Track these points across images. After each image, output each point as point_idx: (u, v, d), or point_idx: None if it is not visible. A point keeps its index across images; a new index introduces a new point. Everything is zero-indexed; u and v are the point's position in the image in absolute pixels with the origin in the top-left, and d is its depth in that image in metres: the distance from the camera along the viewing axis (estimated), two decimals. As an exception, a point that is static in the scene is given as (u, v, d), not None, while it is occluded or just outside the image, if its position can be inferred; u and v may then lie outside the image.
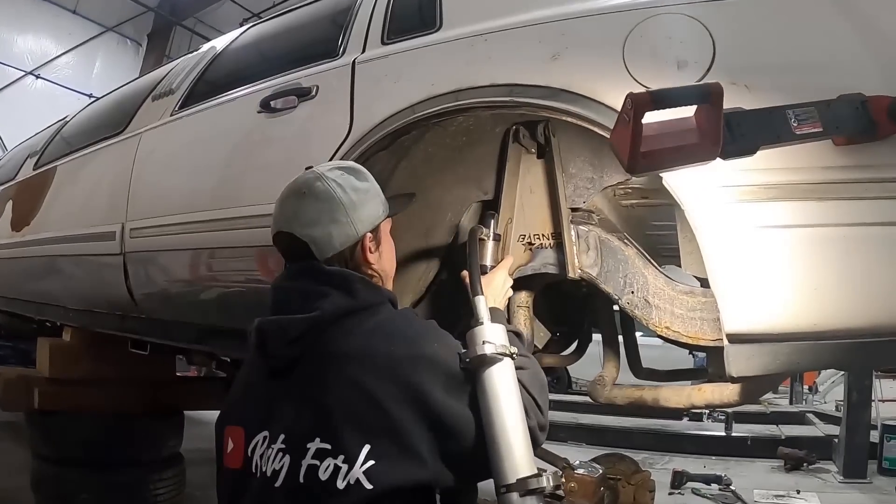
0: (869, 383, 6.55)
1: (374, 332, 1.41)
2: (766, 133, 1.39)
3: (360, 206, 1.52)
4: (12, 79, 13.17)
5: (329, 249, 1.49)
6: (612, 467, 3.39)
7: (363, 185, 1.56)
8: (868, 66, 1.61)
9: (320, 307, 1.41)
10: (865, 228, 1.53)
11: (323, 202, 1.49)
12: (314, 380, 1.38)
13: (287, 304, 1.47)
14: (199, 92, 3.14)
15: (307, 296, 1.45)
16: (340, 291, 1.43)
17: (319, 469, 1.29)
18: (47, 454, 4.07)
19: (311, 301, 1.43)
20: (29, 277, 4.17)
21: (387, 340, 1.38)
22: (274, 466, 1.34)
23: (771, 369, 1.60)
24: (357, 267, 1.52)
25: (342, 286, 1.44)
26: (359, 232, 1.51)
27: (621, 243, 1.99)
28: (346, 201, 1.50)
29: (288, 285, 1.52)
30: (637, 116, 1.24)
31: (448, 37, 2.13)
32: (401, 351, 1.36)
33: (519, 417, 1.43)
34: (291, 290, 1.50)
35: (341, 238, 1.49)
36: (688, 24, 1.72)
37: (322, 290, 1.44)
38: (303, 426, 1.34)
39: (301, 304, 1.44)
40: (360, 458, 1.27)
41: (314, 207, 1.49)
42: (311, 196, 1.50)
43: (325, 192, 1.50)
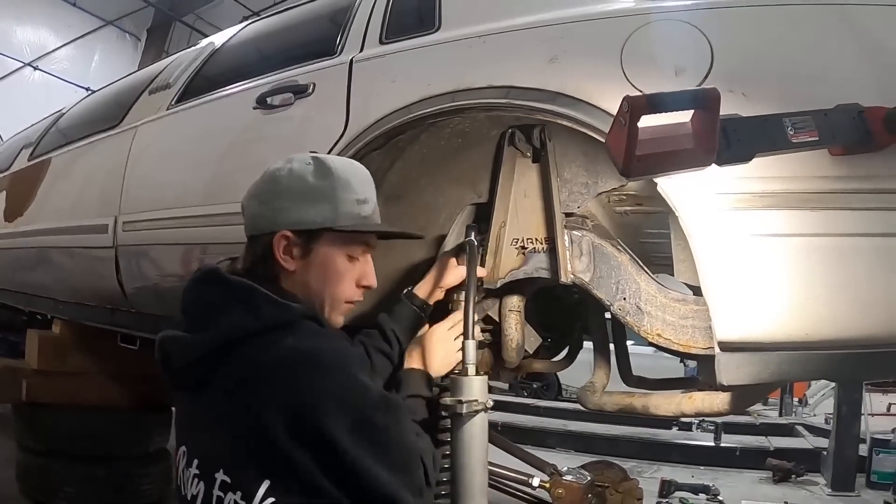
0: (859, 396, 6.56)
1: (279, 360, 1.26)
2: (762, 140, 1.39)
3: (296, 200, 1.41)
4: (10, 69, 13.15)
5: (250, 228, 1.45)
6: (601, 475, 3.38)
7: (317, 182, 1.43)
8: (865, 77, 1.61)
9: (220, 326, 1.30)
10: (859, 239, 1.53)
11: (267, 182, 1.45)
12: (217, 406, 1.30)
13: (191, 314, 1.39)
14: (195, 87, 3.13)
15: (209, 308, 1.35)
16: (243, 307, 1.31)
17: (224, 502, 1.24)
18: (33, 446, 4.05)
19: (213, 315, 1.33)
20: (20, 268, 4.15)
21: (291, 371, 1.24)
22: (192, 491, 1.30)
23: (762, 378, 1.60)
24: (269, 264, 1.41)
25: (244, 301, 1.32)
26: (277, 225, 1.40)
27: (614, 249, 1.98)
28: (282, 189, 1.42)
29: (194, 290, 1.43)
30: (633, 119, 1.24)
31: (446, 37, 2.12)
32: (305, 385, 1.23)
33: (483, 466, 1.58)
34: (197, 299, 1.41)
35: (261, 222, 1.43)
36: (686, 30, 1.72)
37: (224, 303, 1.33)
38: (211, 454, 1.29)
39: (203, 316, 1.35)
40: (259, 494, 1.22)
41: (261, 183, 1.46)
42: (266, 174, 1.47)
43: (274, 173, 1.45)
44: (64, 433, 3.98)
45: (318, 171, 1.44)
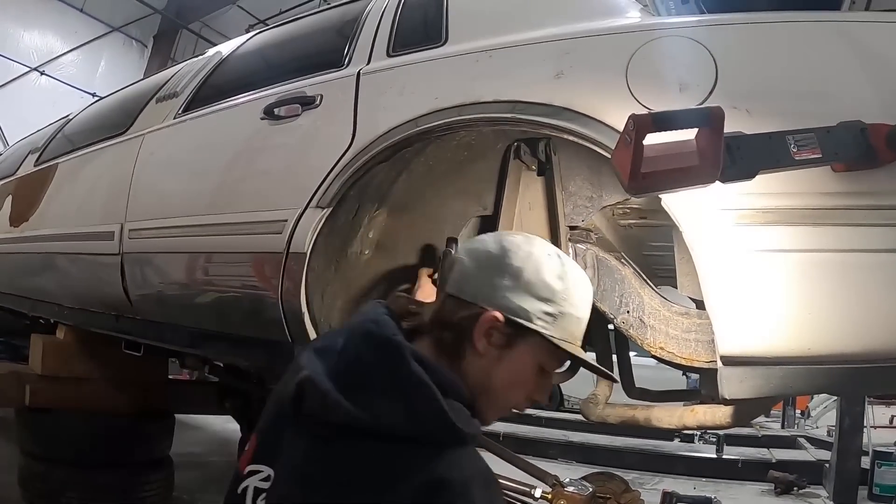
0: (861, 409, 6.54)
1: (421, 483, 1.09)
2: (765, 158, 1.40)
3: (524, 289, 1.23)
4: (17, 74, 13.18)
5: (458, 288, 1.26)
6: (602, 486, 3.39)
7: (553, 283, 1.25)
8: (869, 94, 1.63)
9: (375, 412, 1.13)
10: (861, 255, 1.54)
11: (500, 253, 1.25)
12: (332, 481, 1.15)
13: (347, 370, 1.20)
14: (203, 96, 3.15)
15: (373, 380, 1.17)
16: (403, 407, 1.13)
17: None
18: (36, 451, 4.05)
19: (373, 391, 1.15)
20: (25, 273, 4.17)
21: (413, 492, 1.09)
22: None
23: (764, 392, 1.61)
24: (464, 340, 1.24)
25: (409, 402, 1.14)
26: (493, 303, 1.22)
27: (618, 263, 2.00)
28: (515, 271, 1.24)
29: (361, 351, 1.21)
30: (639, 138, 1.25)
31: (453, 51, 2.14)
32: None
33: None
34: (360, 360, 1.20)
35: (475, 290, 1.24)
36: (691, 47, 1.74)
37: (392, 390, 1.15)
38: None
39: (361, 383, 1.16)
40: None
41: (490, 249, 1.27)
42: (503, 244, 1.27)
43: (509, 247, 1.26)
44: (67, 439, 3.97)
45: (559, 273, 1.27)
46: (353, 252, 2.26)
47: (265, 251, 2.32)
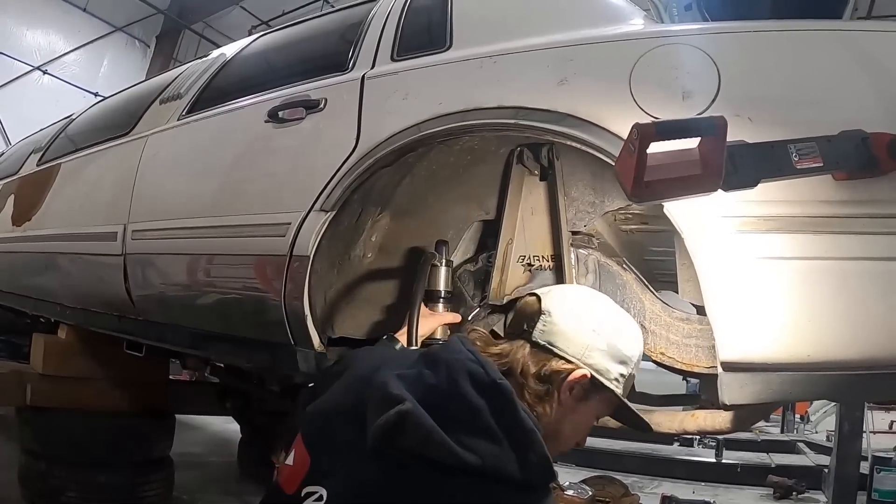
0: (860, 414, 6.54)
1: None
2: (767, 166, 1.41)
3: (610, 359, 1.40)
4: (20, 73, 13.20)
5: (550, 336, 1.37)
6: (602, 489, 3.41)
7: (632, 352, 1.45)
8: (871, 102, 1.64)
9: (481, 455, 1.13)
10: (862, 263, 1.55)
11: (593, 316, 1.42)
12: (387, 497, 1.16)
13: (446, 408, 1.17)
14: (206, 98, 3.16)
15: (476, 424, 1.16)
16: (513, 452, 1.14)
17: None
18: (36, 450, 4.06)
19: (476, 434, 1.15)
20: (27, 272, 4.18)
21: None
22: None
23: (764, 398, 1.62)
24: (547, 391, 1.35)
25: (520, 448, 1.15)
26: (583, 361, 1.37)
27: (620, 268, 2.01)
28: (607, 336, 1.40)
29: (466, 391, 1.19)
30: (642, 147, 1.26)
31: (457, 57, 2.15)
32: None
33: None
34: (466, 402, 1.18)
35: (568, 344, 1.37)
36: (694, 55, 1.75)
37: (496, 432, 1.15)
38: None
39: (462, 426, 1.15)
40: None
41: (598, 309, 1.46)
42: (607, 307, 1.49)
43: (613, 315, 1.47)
44: (67, 438, 3.98)
45: (637, 340, 1.50)
46: (355, 255, 2.27)
47: (268, 254, 2.33)
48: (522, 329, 1.42)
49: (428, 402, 1.17)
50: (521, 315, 1.45)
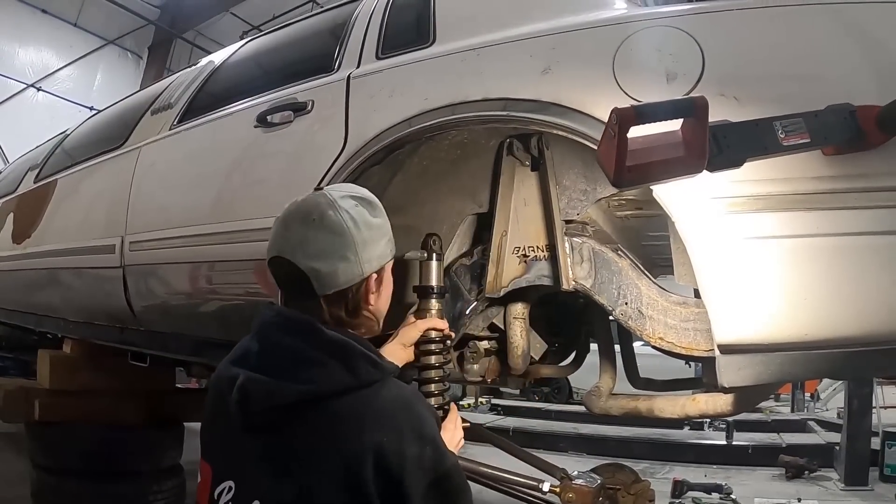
0: (869, 390, 6.54)
1: (372, 414, 1.28)
2: (752, 145, 1.40)
3: (371, 244, 1.42)
4: (14, 91, 13.24)
5: (331, 286, 1.38)
6: (612, 477, 3.39)
7: (376, 221, 1.46)
8: (860, 76, 1.62)
9: (315, 380, 1.30)
10: (854, 238, 1.54)
11: (334, 235, 1.38)
12: (297, 455, 1.30)
13: (277, 362, 1.35)
14: (197, 106, 3.17)
15: (300, 360, 1.32)
16: (340, 365, 1.31)
17: None
18: (47, 465, 4.08)
19: (305, 368, 1.31)
20: (29, 289, 4.20)
21: (379, 430, 1.27)
22: None
23: (763, 379, 1.61)
24: (356, 309, 1.43)
25: (343, 359, 1.31)
26: (364, 272, 1.41)
27: (615, 255, 2.01)
28: (358, 239, 1.39)
29: (281, 340, 1.37)
30: (622, 131, 1.26)
31: (441, 51, 2.15)
32: (391, 446, 1.26)
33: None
34: (284, 348, 1.36)
35: (346, 276, 1.39)
36: (677, 36, 1.74)
37: (319, 357, 1.32)
38: (280, 497, 1.29)
39: (291, 367, 1.32)
40: None
41: (324, 239, 1.38)
42: (322, 226, 1.39)
43: (338, 224, 1.39)
44: (76, 451, 4.00)
45: (371, 209, 1.47)
46: (351, 255, 2.26)
47: (265, 258, 2.33)
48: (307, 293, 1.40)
49: (259, 366, 1.35)
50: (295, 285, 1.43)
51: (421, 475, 1.28)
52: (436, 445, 1.33)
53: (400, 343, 1.80)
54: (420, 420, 1.33)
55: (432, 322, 1.87)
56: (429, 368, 1.88)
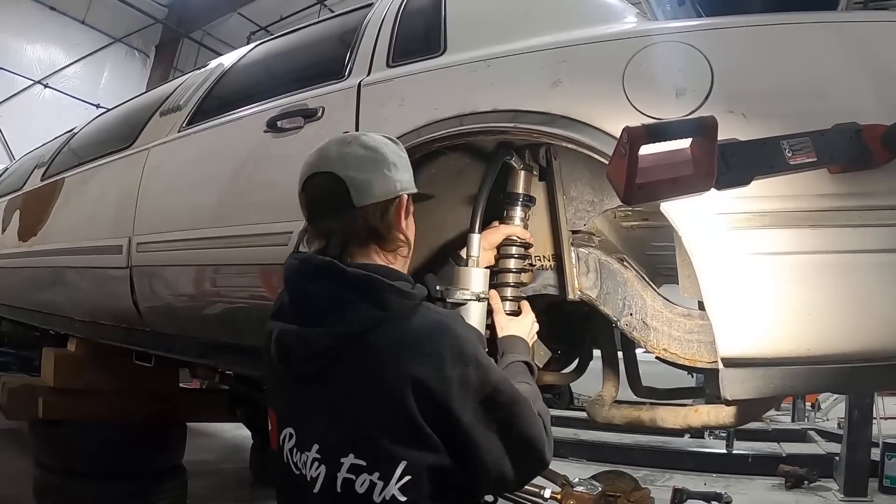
0: (870, 401, 6.54)
1: (408, 344, 1.32)
2: (760, 164, 1.42)
3: (401, 168, 1.50)
4: (21, 88, 13.26)
5: (368, 196, 1.43)
6: (612, 484, 3.40)
7: (402, 153, 1.54)
8: (865, 94, 1.64)
9: (346, 320, 1.34)
10: (859, 255, 1.56)
11: (371, 150, 1.46)
12: (342, 394, 1.35)
13: (306, 308, 1.40)
14: (206, 109, 3.18)
15: (330, 303, 1.36)
16: (368, 300, 1.34)
17: (356, 483, 1.30)
18: (50, 463, 4.09)
19: (335, 310, 1.35)
20: (35, 287, 4.21)
21: (417, 358, 1.30)
22: (311, 473, 1.35)
23: (765, 392, 1.63)
24: (390, 225, 1.47)
25: (370, 296, 1.35)
26: (397, 189, 1.47)
27: (621, 266, 2.02)
28: (392, 158, 1.48)
29: (307, 287, 1.42)
30: (633, 149, 1.28)
31: (452, 61, 2.16)
32: (432, 373, 1.29)
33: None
34: (311, 294, 1.40)
35: (381, 188, 1.44)
36: (686, 52, 1.76)
37: (346, 297, 1.35)
38: (336, 440, 1.33)
39: (323, 311, 1.36)
40: (396, 474, 1.28)
41: (362, 153, 1.45)
42: (358, 144, 1.47)
43: (373, 142, 1.48)
44: (80, 450, 4.01)
45: (396, 144, 1.56)
46: (358, 262, 2.28)
47: (272, 262, 2.35)
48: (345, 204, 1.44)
49: (293, 316, 1.41)
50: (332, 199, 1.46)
51: (468, 395, 1.31)
52: (478, 363, 1.34)
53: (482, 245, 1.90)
54: (458, 340, 1.35)
55: (513, 229, 2.00)
56: (506, 272, 2.00)
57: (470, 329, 1.45)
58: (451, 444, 1.31)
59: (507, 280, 2.01)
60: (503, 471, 1.37)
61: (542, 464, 1.45)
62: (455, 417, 1.29)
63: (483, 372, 1.34)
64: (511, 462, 1.38)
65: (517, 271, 2.02)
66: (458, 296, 1.83)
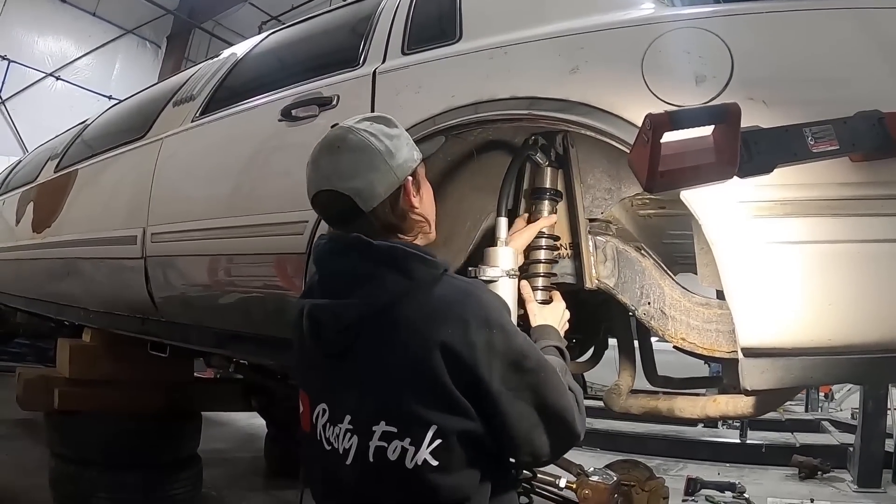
0: (884, 392, 6.50)
1: (434, 311, 1.35)
2: (782, 151, 1.40)
3: (396, 151, 1.49)
4: (33, 80, 13.32)
5: (374, 198, 1.45)
6: (626, 474, 3.39)
7: (394, 131, 1.52)
8: (888, 80, 1.61)
9: (376, 293, 1.38)
10: (881, 245, 1.53)
11: (360, 153, 1.46)
12: (373, 363, 1.37)
13: (336, 285, 1.45)
14: (219, 98, 3.18)
15: (358, 277, 1.41)
16: (395, 272, 1.38)
17: (388, 450, 1.32)
18: (66, 454, 4.11)
19: (363, 283, 1.40)
20: (50, 279, 4.22)
21: (443, 324, 1.32)
22: (344, 445, 1.38)
23: (785, 383, 1.61)
24: (403, 214, 1.50)
25: (396, 265, 1.39)
26: (399, 177, 1.48)
27: (638, 254, 2.01)
28: (382, 148, 1.47)
29: (336, 264, 1.47)
30: (655, 137, 1.26)
31: (468, 48, 2.15)
32: (457, 338, 1.31)
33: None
34: (341, 269, 1.45)
35: (384, 185, 1.46)
36: (706, 38, 1.73)
37: (372, 269, 1.40)
38: (367, 410, 1.35)
39: (352, 285, 1.41)
40: (427, 439, 1.30)
41: (351, 159, 1.46)
42: (346, 149, 1.47)
43: (359, 142, 1.47)
44: (96, 441, 4.03)
45: (386, 122, 1.54)
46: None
47: (288, 252, 2.35)
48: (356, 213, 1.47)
49: (323, 293, 1.46)
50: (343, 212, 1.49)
51: (494, 359, 1.32)
52: (503, 328, 1.35)
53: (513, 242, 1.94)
54: (483, 306, 1.37)
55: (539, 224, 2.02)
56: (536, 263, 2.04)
57: (494, 296, 1.46)
58: (482, 412, 1.33)
59: (539, 271, 2.02)
60: (535, 442, 1.39)
61: (573, 436, 1.44)
62: (484, 382, 1.31)
63: (508, 337, 1.35)
64: (544, 432, 1.38)
65: (547, 262, 2.03)
66: (489, 273, 1.85)
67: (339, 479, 1.40)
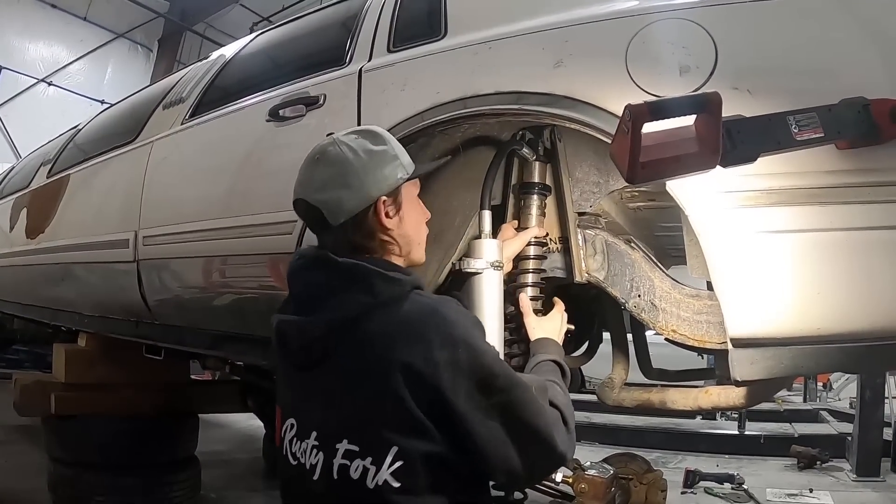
0: (882, 381, 6.50)
1: (397, 331, 1.34)
2: (766, 140, 1.40)
3: (374, 168, 1.47)
4: (25, 86, 13.29)
5: (340, 214, 1.46)
6: (624, 467, 3.41)
7: (378, 147, 1.50)
8: (872, 68, 1.61)
9: (338, 308, 1.39)
10: (868, 232, 1.53)
11: (334, 166, 1.47)
12: (337, 381, 1.38)
13: (304, 299, 1.47)
14: (209, 100, 3.17)
15: (323, 293, 1.42)
16: (357, 288, 1.39)
17: (350, 469, 1.32)
18: (64, 457, 4.12)
19: (328, 298, 1.41)
20: (44, 284, 4.22)
21: (405, 344, 1.31)
22: (311, 461, 1.38)
23: (775, 373, 1.61)
24: (371, 232, 1.48)
25: (360, 282, 1.39)
26: (372, 195, 1.47)
27: (628, 247, 2.01)
28: (358, 166, 1.46)
29: (303, 277, 1.50)
30: (635, 127, 1.26)
31: (453, 44, 2.14)
32: (421, 357, 1.29)
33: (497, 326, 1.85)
34: (308, 283, 1.48)
35: (353, 202, 1.45)
36: (690, 28, 1.73)
37: (338, 285, 1.41)
38: (331, 426, 1.36)
39: (318, 301, 1.42)
40: (388, 460, 1.29)
41: (325, 172, 1.47)
42: (324, 162, 1.48)
43: (336, 156, 1.47)
44: (93, 444, 4.04)
45: (373, 137, 1.53)
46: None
47: (278, 252, 2.35)
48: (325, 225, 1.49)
49: (297, 308, 1.47)
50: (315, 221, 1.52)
51: (459, 378, 1.30)
52: (469, 345, 1.33)
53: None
54: (449, 323, 1.35)
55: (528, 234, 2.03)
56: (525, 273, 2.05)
57: (464, 313, 1.44)
58: (450, 433, 1.31)
59: (528, 280, 2.04)
60: (510, 462, 1.35)
61: (554, 455, 1.41)
62: (449, 402, 1.29)
63: (475, 355, 1.33)
64: (517, 453, 1.35)
65: (535, 271, 2.05)
66: (474, 265, 1.86)
67: (308, 494, 1.41)
